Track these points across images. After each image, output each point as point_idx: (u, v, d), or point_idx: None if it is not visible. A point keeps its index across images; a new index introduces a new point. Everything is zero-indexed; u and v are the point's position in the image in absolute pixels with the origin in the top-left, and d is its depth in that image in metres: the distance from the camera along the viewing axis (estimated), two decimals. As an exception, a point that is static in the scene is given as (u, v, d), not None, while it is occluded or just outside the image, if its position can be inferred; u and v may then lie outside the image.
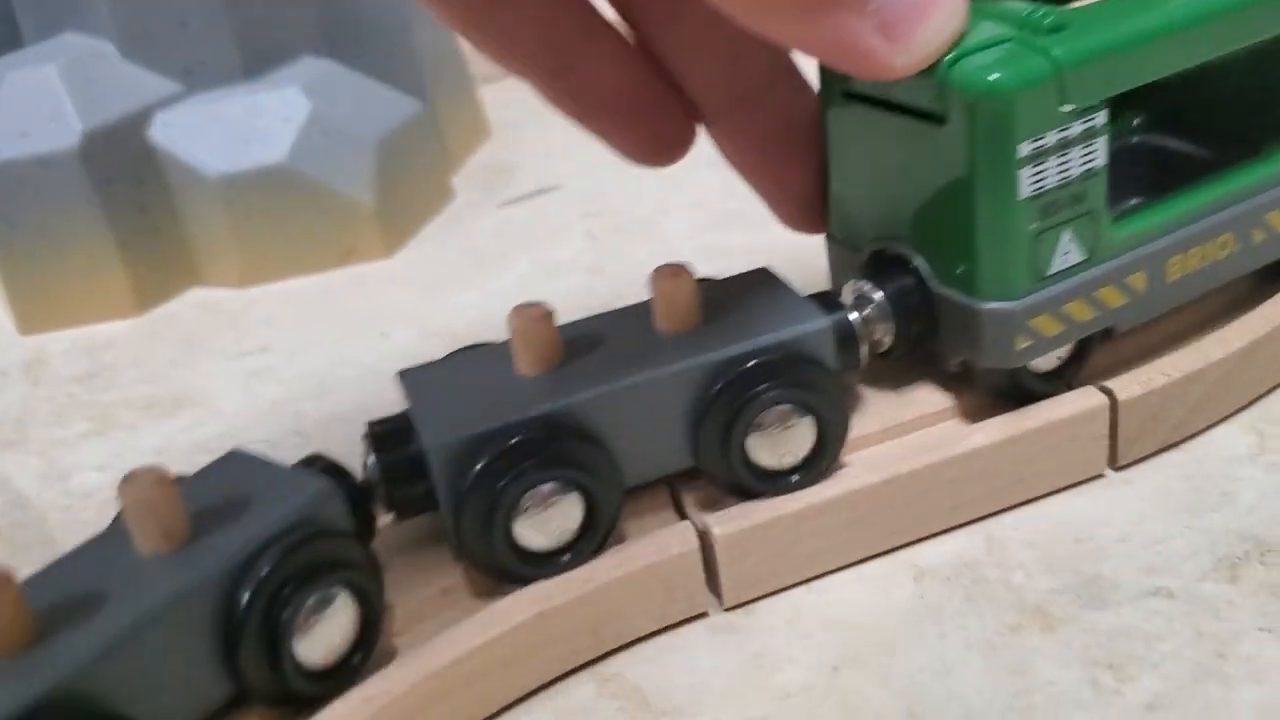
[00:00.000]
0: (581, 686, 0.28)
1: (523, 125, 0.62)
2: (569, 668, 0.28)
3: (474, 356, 0.30)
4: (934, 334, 0.31)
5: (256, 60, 0.52)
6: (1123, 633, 0.27)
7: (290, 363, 0.44)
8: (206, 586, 0.24)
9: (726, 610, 0.30)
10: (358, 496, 0.28)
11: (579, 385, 0.28)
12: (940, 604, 0.29)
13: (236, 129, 0.50)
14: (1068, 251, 0.29)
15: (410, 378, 0.30)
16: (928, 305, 0.30)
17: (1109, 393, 0.31)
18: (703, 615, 0.29)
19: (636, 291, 0.31)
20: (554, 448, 0.27)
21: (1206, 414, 0.32)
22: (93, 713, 0.22)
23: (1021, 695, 0.26)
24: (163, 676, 0.23)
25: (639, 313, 0.31)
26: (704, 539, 0.29)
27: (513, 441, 0.27)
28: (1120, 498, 0.31)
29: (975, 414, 0.32)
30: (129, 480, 0.24)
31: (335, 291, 0.50)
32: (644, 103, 0.31)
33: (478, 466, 0.27)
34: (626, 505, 0.29)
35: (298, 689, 0.25)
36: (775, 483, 0.29)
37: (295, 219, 0.50)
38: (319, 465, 0.28)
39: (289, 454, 0.28)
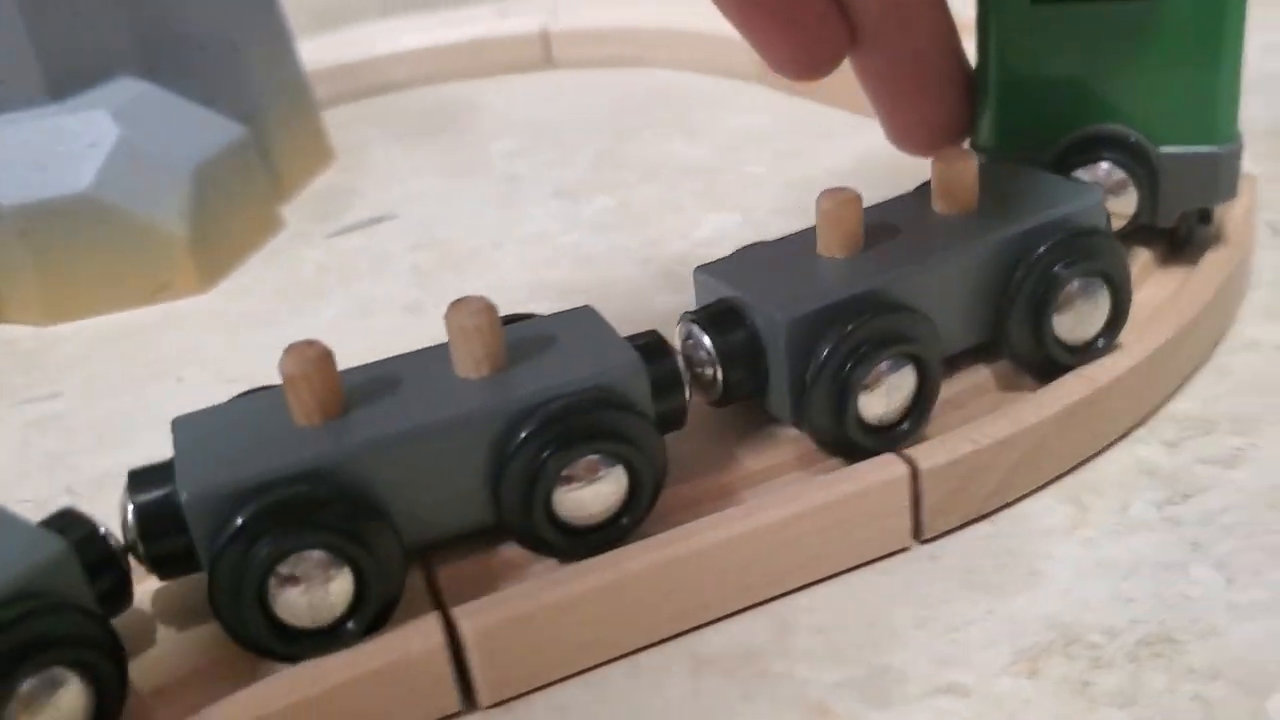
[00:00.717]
0: (310, 800, 0.25)
1: (369, 148, 0.59)
2: (297, 780, 0.25)
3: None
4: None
5: (64, 81, 0.48)
6: (907, 737, 0.24)
7: (79, 410, 0.41)
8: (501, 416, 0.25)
9: (487, 709, 0.27)
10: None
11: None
12: (714, 702, 0.26)
13: (35, 155, 0.46)
14: None
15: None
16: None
17: (910, 461, 0.29)
18: (457, 715, 0.26)
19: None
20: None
21: (1021, 483, 0.30)
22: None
23: (788, 813, 0.23)
24: None
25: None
26: (452, 634, 0.26)
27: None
28: (922, 576, 0.28)
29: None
30: None
31: (145, 330, 0.46)
32: (806, 11, 0.32)
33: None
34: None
35: None
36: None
37: (102, 252, 0.46)
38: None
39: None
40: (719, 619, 0.28)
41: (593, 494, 0.27)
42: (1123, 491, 0.30)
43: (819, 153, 0.52)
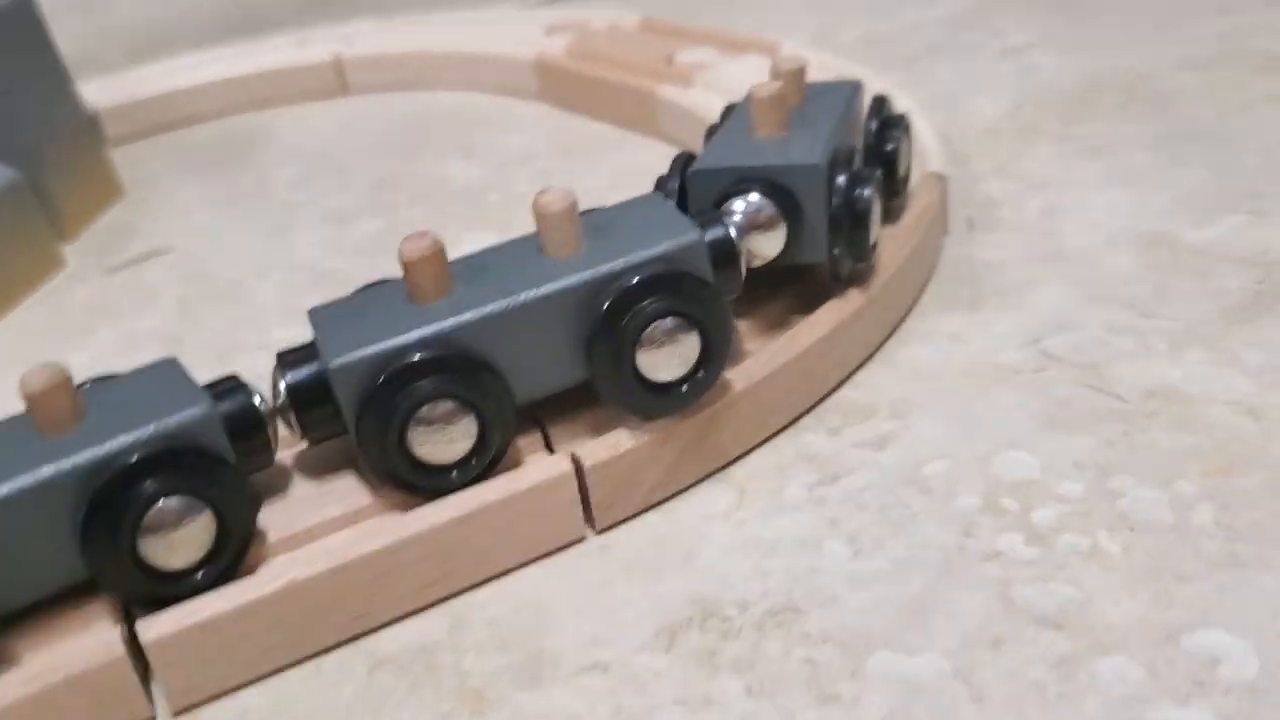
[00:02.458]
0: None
1: (158, 183, 0.60)
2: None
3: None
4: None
5: None
6: (546, 715, 0.27)
7: None
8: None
9: (175, 715, 0.29)
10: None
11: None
12: (384, 696, 0.28)
13: None
14: None
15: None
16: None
17: (576, 460, 0.31)
18: (146, 722, 0.28)
19: (210, 363, 0.32)
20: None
21: (685, 473, 0.33)
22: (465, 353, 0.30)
23: (427, 790, 0.26)
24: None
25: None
26: (132, 644, 0.28)
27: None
28: (590, 565, 0.31)
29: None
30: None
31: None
32: None
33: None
34: (66, 604, 0.29)
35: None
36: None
37: None
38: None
39: None
40: (401, 618, 0.30)
41: (669, 356, 0.31)
42: (780, 477, 0.33)
43: (582, 170, 0.54)
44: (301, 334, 0.32)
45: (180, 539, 0.28)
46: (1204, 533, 0.29)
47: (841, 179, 0.34)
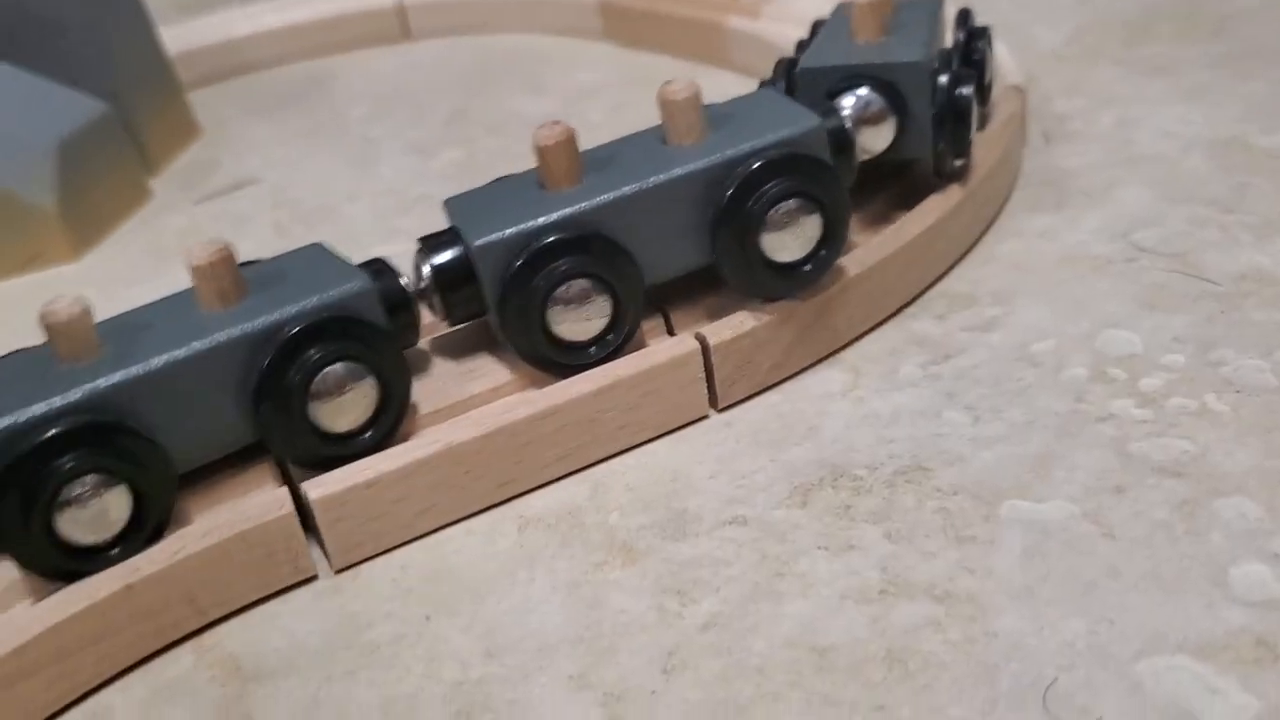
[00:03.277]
0: (180, 659, 0.28)
1: (232, 124, 0.62)
2: (167, 641, 0.29)
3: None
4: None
5: (-74, 66, 0.50)
6: (695, 561, 0.29)
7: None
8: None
9: (337, 573, 0.30)
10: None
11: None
12: (537, 550, 0.30)
13: (-98, 138, 0.48)
14: None
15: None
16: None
17: (701, 339, 0.33)
18: (312, 579, 0.30)
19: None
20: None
21: (802, 355, 0.34)
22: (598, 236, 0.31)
23: (592, 626, 0.27)
24: None
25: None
26: (300, 502, 0.29)
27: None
28: (718, 438, 0.32)
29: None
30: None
31: (18, 299, 0.49)
32: None
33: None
34: (229, 471, 0.31)
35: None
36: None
37: (-28, 227, 0.49)
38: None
39: None
40: (545, 484, 0.32)
41: (792, 237, 0.32)
42: (893, 358, 0.34)
43: (650, 102, 0.56)
44: (401, 251, 0.34)
45: (346, 403, 0.29)
46: (1308, 393, 0.30)
47: (944, 78, 0.36)
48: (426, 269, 0.32)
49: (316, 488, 0.30)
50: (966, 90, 0.36)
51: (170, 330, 0.29)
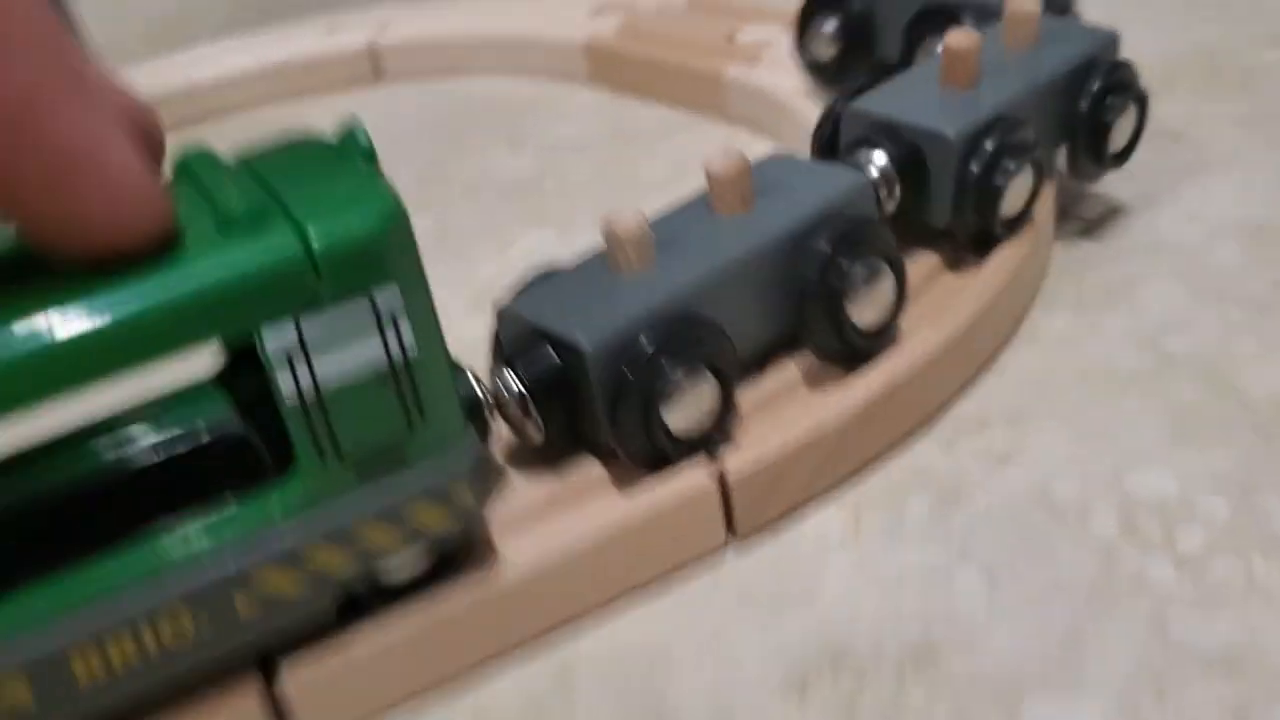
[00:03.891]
0: None
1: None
2: None
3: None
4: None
5: None
6: (677, 770, 0.25)
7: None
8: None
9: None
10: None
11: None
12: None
13: None
14: None
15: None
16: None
17: (719, 471, 0.30)
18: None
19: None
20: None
21: (828, 477, 0.31)
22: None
23: None
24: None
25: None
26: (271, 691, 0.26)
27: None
28: (707, 599, 0.29)
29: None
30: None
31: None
32: None
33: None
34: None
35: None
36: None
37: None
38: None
39: None
40: (502, 660, 0.28)
41: (875, 299, 0.31)
42: (897, 498, 0.31)
43: (642, 158, 0.52)
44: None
45: (876, 297, 0.31)
46: (1369, 557, 0.27)
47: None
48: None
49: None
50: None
51: (704, 235, 0.31)
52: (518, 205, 0.50)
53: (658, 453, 0.30)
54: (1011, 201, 0.34)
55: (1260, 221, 0.40)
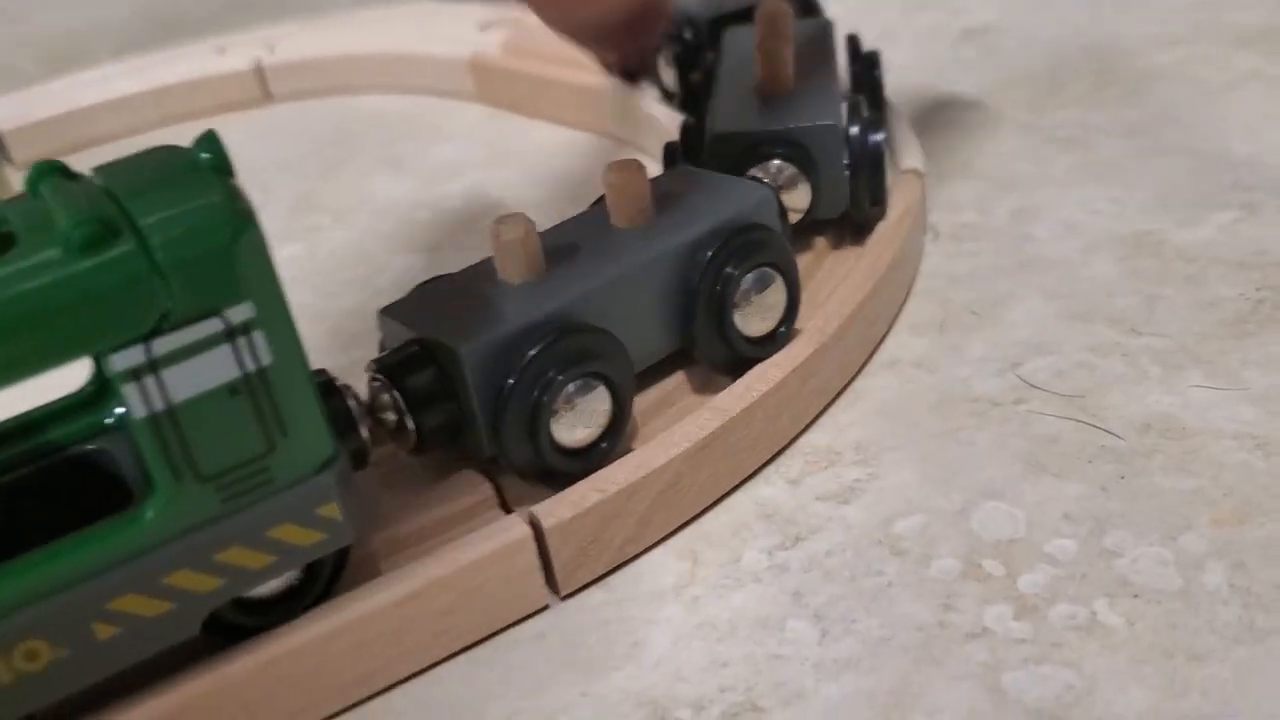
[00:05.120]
0: None
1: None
2: None
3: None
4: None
5: None
6: None
7: None
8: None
9: None
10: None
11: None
12: None
13: None
14: None
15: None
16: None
17: (534, 520, 0.27)
18: None
19: None
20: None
21: (659, 525, 0.29)
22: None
23: None
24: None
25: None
26: None
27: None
28: (524, 657, 0.27)
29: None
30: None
31: None
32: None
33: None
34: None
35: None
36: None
37: None
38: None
39: None
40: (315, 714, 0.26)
41: (764, 309, 0.31)
42: (738, 539, 0.29)
43: (519, 181, 0.50)
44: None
45: (764, 307, 0.31)
46: (1217, 598, 0.25)
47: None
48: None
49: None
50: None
51: (599, 246, 0.30)
52: (391, 231, 0.48)
53: (545, 467, 0.28)
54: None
55: (1140, 231, 0.38)
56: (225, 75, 0.65)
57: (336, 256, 0.47)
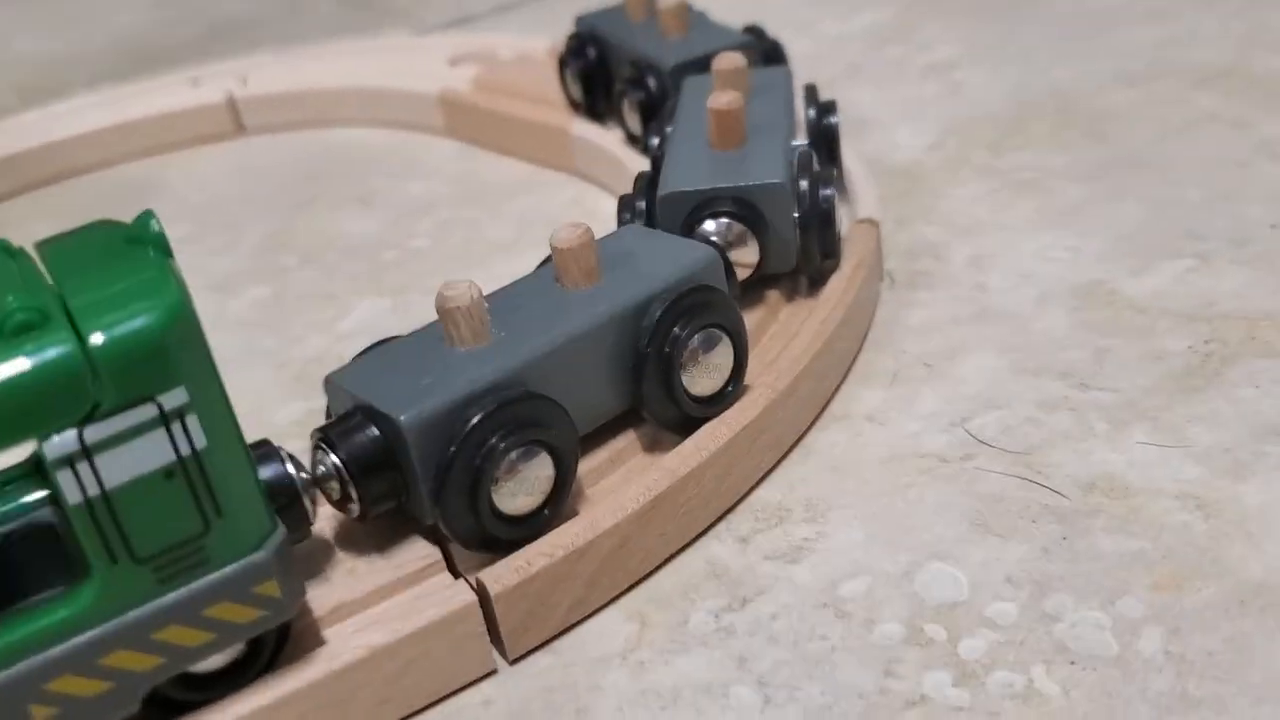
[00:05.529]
0: None
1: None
2: None
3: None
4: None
5: None
6: None
7: None
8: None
9: None
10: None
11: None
12: None
13: None
14: None
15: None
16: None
17: (480, 586, 0.28)
18: None
19: None
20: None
21: (605, 588, 0.30)
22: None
23: None
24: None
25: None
26: None
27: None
28: (469, 726, 0.27)
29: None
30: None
31: None
32: None
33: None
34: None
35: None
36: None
37: None
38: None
39: None
40: None
41: (711, 369, 0.31)
42: (685, 601, 0.30)
43: (486, 220, 0.51)
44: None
45: (711, 367, 0.31)
46: (1152, 665, 0.26)
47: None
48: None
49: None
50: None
51: (546, 309, 0.30)
52: (357, 272, 0.48)
53: (486, 535, 0.28)
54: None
55: (1093, 280, 0.38)
56: (198, 108, 0.65)
57: (303, 299, 0.47)
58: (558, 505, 0.29)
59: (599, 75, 0.50)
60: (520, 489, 0.28)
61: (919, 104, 0.52)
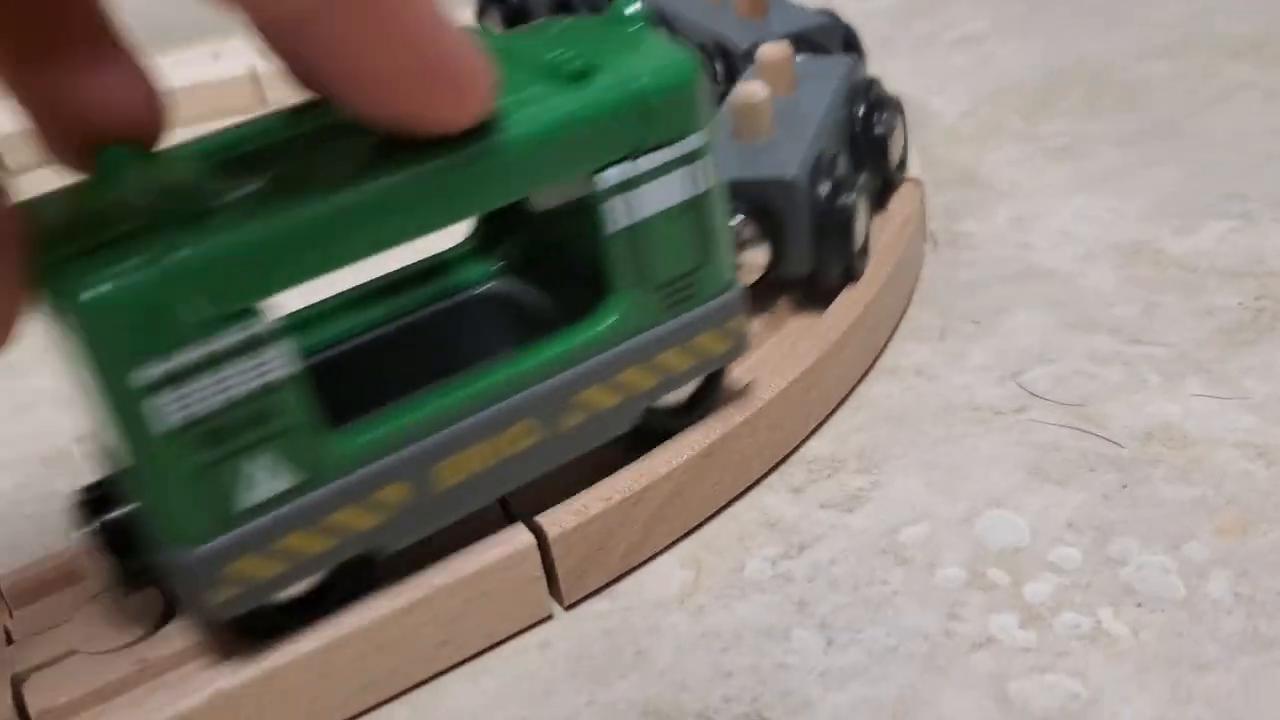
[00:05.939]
0: None
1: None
2: None
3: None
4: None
5: None
6: None
7: None
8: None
9: None
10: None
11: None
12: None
13: None
14: (268, 479, 0.23)
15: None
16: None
17: (538, 528, 0.27)
18: None
19: None
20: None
21: (662, 534, 0.29)
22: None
23: None
24: None
25: None
26: None
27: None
28: (532, 666, 0.27)
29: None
30: None
31: None
32: None
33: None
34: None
35: None
36: None
37: None
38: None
39: None
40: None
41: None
42: (741, 548, 0.29)
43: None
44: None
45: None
46: (1221, 607, 0.25)
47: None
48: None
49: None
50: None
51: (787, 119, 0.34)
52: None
53: (854, 270, 0.34)
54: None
55: (1137, 240, 0.38)
56: (220, 81, 0.65)
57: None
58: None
59: None
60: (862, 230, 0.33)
61: (950, 75, 0.52)
